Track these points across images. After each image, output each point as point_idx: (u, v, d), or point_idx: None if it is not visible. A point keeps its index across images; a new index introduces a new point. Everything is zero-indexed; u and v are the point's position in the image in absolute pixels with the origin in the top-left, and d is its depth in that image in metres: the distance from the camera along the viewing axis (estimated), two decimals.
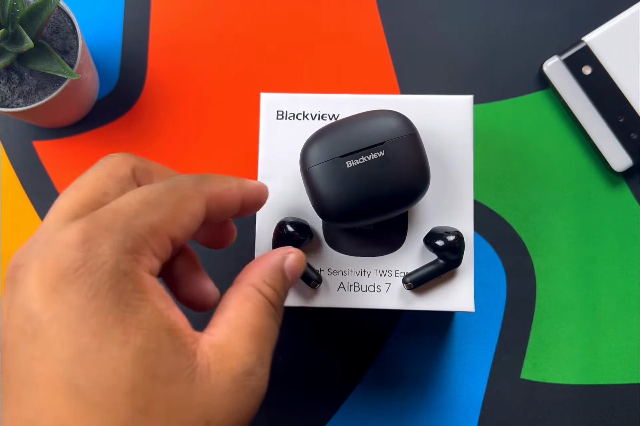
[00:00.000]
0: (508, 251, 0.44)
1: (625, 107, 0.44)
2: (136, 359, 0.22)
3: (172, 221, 0.25)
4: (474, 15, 0.46)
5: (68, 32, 0.40)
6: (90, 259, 0.22)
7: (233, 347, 0.25)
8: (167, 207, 0.25)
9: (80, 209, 0.25)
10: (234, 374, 0.24)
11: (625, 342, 0.43)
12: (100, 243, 0.22)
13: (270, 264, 0.29)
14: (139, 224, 0.24)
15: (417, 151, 0.32)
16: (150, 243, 0.24)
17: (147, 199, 0.25)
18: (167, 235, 0.24)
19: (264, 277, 0.28)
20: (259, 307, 0.26)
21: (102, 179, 0.26)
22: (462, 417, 0.43)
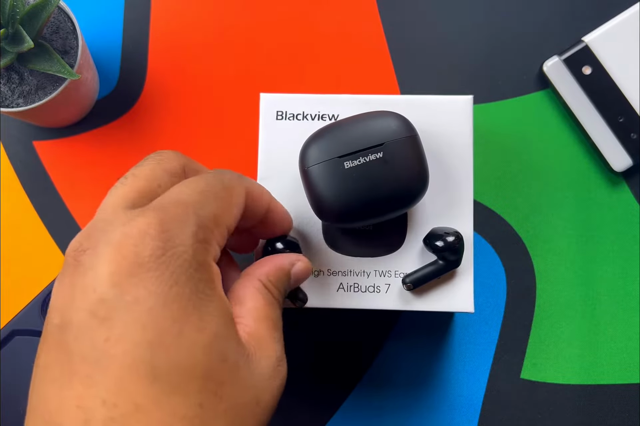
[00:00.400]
0: (508, 252, 0.44)
1: (625, 107, 0.44)
2: (211, 344, 0.23)
3: (228, 211, 0.26)
4: (474, 15, 0.46)
5: (68, 32, 0.40)
6: (170, 249, 0.23)
7: (264, 336, 0.26)
8: (222, 198, 0.26)
9: (138, 198, 0.26)
10: (272, 360, 0.26)
11: (625, 342, 0.43)
12: (177, 234, 0.24)
13: (279, 265, 0.30)
14: (205, 215, 0.25)
15: (416, 152, 0.32)
16: (214, 233, 0.25)
17: (204, 190, 0.26)
18: (225, 225, 0.26)
19: (271, 276, 0.29)
20: (270, 302, 0.28)
21: (157, 171, 0.27)
22: (463, 417, 0.43)
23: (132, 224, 0.24)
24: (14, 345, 0.41)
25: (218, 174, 0.28)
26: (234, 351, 0.24)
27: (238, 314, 0.27)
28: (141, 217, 0.24)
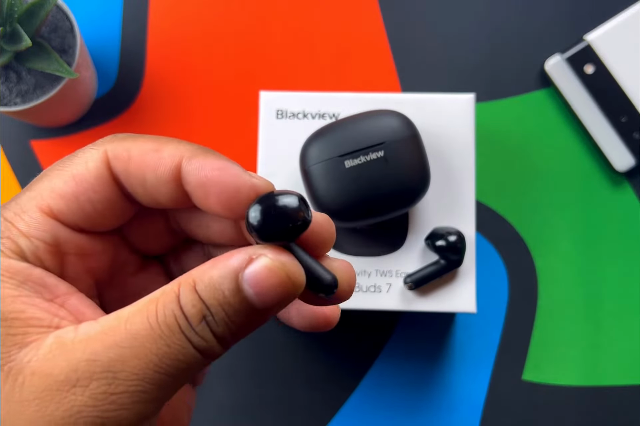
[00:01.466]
0: (510, 252, 0.44)
1: (628, 107, 0.44)
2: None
3: (45, 191, 0.20)
4: (476, 13, 0.46)
5: (66, 31, 0.40)
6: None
7: (80, 348, 0.19)
8: (48, 177, 0.20)
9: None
10: (51, 380, 0.18)
11: (627, 343, 0.43)
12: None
13: (221, 265, 0.18)
14: (7, 207, 0.20)
15: (417, 152, 0.32)
16: (15, 224, 0.19)
17: (38, 176, 0.20)
18: (38, 209, 0.19)
19: (201, 280, 0.18)
20: (152, 324, 0.18)
21: None
22: (464, 418, 0.43)
23: None
24: None
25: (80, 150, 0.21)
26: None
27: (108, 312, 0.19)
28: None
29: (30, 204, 0.19)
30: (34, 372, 0.17)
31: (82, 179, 0.20)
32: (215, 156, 0.19)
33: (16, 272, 0.19)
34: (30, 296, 0.19)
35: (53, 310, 0.19)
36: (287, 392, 0.43)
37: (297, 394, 0.43)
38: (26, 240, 0.19)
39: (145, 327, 0.18)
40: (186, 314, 0.18)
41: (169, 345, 0.17)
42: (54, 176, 0.20)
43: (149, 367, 0.17)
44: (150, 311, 0.18)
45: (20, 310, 0.18)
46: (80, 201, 0.20)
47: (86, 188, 0.20)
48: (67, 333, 0.18)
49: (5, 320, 0.18)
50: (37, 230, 0.19)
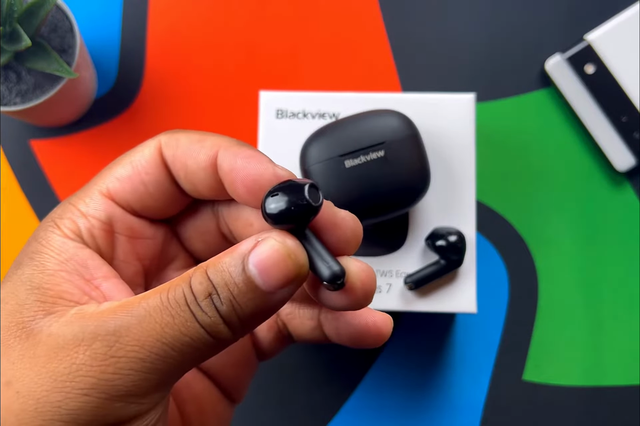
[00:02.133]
0: (510, 252, 0.44)
1: (628, 106, 0.44)
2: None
3: (105, 175, 0.22)
4: (476, 13, 0.46)
5: (66, 31, 0.40)
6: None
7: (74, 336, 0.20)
8: (113, 165, 0.22)
9: None
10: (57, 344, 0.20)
11: (628, 343, 0.43)
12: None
13: (232, 251, 0.19)
14: (78, 192, 0.22)
15: (417, 151, 0.32)
16: (76, 205, 0.22)
17: (108, 166, 0.23)
18: (98, 192, 0.22)
19: (210, 267, 0.19)
20: (167, 307, 0.19)
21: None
22: (464, 419, 0.43)
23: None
24: None
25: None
26: (9, 315, 0.20)
27: (111, 297, 0.21)
28: None
29: (93, 188, 0.22)
30: (50, 334, 0.19)
31: (137, 164, 0.22)
32: (249, 147, 0.21)
33: (64, 250, 0.21)
34: (70, 273, 0.20)
35: (87, 289, 0.20)
36: (287, 393, 0.43)
37: (297, 395, 0.43)
38: (84, 219, 0.21)
39: (156, 302, 0.19)
40: (193, 290, 0.19)
41: (173, 316, 0.18)
42: (117, 164, 0.22)
43: (151, 335, 0.18)
44: (164, 289, 0.19)
45: (56, 283, 0.20)
46: (134, 182, 0.22)
47: (139, 171, 0.22)
48: (89, 307, 0.20)
49: (40, 288, 0.20)
50: (95, 209, 0.21)
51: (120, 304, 0.19)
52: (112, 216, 0.22)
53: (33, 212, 0.45)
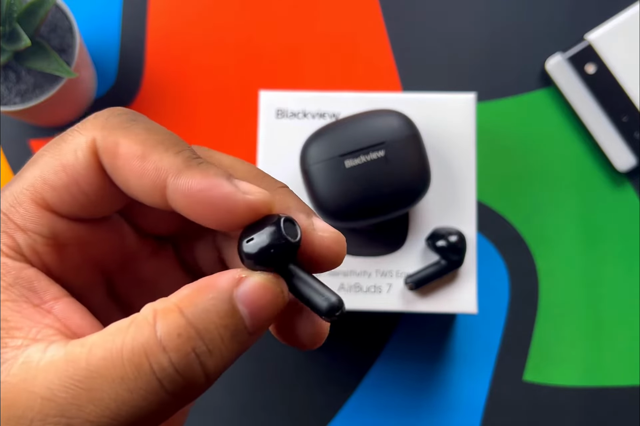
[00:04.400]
0: (511, 252, 0.44)
1: (629, 106, 0.43)
2: None
3: (37, 182, 0.19)
4: (477, 13, 0.46)
5: (65, 31, 0.40)
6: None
7: (43, 380, 0.17)
8: (39, 165, 0.19)
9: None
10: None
11: (628, 343, 0.43)
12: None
13: (208, 286, 0.17)
14: (4, 197, 0.19)
15: (417, 151, 0.32)
16: (11, 217, 0.18)
17: (29, 161, 0.19)
18: (32, 201, 0.18)
19: (186, 303, 0.16)
20: (131, 351, 0.16)
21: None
22: (464, 419, 0.43)
23: None
24: None
25: (71, 128, 0.19)
26: None
27: (86, 335, 0.17)
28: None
29: (24, 196, 0.19)
30: (4, 398, 0.16)
31: (72, 171, 0.18)
32: (202, 173, 0.17)
33: (6, 272, 0.18)
34: (16, 301, 0.18)
35: (37, 317, 0.18)
36: (287, 393, 0.43)
37: (298, 395, 0.43)
38: (23, 235, 0.18)
39: (106, 364, 0.15)
40: (166, 347, 0.15)
41: (131, 391, 0.15)
42: (45, 165, 0.19)
43: (105, 415, 0.15)
44: (116, 343, 0.16)
45: (3, 318, 0.17)
46: (72, 193, 0.19)
47: (77, 179, 0.19)
48: (35, 353, 0.17)
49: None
50: (34, 223, 0.19)
51: (65, 357, 0.16)
52: (55, 229, 0.19)
53: None
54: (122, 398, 0.15)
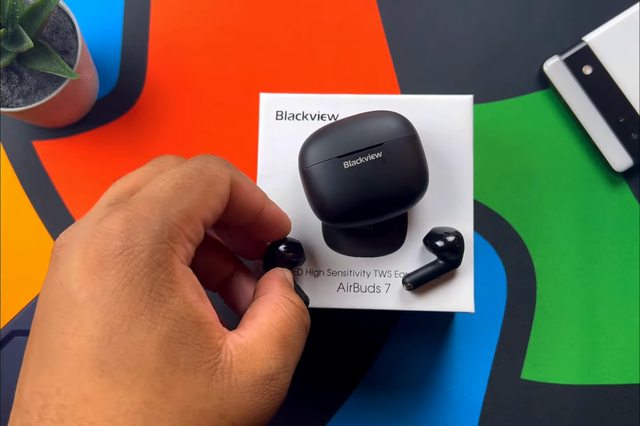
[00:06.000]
0: (508, 251, 0.44)
1: (626, 107, 0.44)
2: (160, 345, 0.23)
3: (203, 204, 0.26)
4: (475, 14, 0.46)
5: (68, 32, 0.40)
6: (127, 248, 0.23)
7: (260, 351, 0.26)
8: (197, 190, 0.26)
9: (123, 196, 0.26)
10: (257, 376, 0.25)
11: (625, 342, 0.43)
12: (138, 232, 0.24)
13: (283, 278, 0.30)
14: (174, 212, 0.25)
15: (415, 153, 0.32)
16: (184, 230, 0.25)
17: (178, 184, 0.26)
18: (200, 219, 0.26)
19: (288, 288, 0.29)
20: (291, 317, 0.28)
21: (150, 172, 0.27)
22: (463, 417, 0.43)
23: (100, 223, 0.24)
24: (14, 345, 0.41)
25: (200, 162, 0.27)
26: (190, 356, 0.24)
27: (241, 326, 0.27)
28: (111, 214, 0.24)
29: (195, 213, 0.25)
30: (240, 371, 0.25)
31: (224, 200, 0.27)
32: (274, 202, 0.31)
33: (189, 278, 0.25)
34: (200, 300, 0.25)
35: (211, 310, 0.25)
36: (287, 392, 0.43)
37: (296, 394, 0.43)
38: (190, 245, 0.25)
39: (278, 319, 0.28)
40: (298, 305, 0.29)
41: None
42: (204, 192, 0.26)
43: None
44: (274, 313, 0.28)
45: (203, 315, 0.25)
46: (217, 214, 0.27)
47: (223, 205, 0.27)
48: (236, 338, 0.26)
49: (199, 324, 0.24)
50: (197, 237, 0.26)
51: (260, 336, 0.27)
52: (202, 239, 0.26)
53: (35, 212, 0.45)
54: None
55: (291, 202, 0.35)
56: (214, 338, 0.25)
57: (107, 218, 0.24)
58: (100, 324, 0.23)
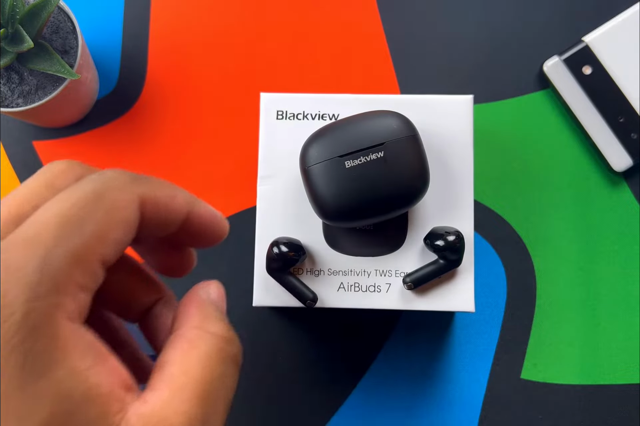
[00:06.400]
0: (508, 251, 0.44)
1: (625, 107, 0.44)
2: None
3: (101, 239, 0.20)
4: (475, 15, 0.46)
5: (68, 32, 0.40)
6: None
7: (171, 416, 0.20)
8: (93, 221, 0.20)
9: (5, 227, 0.21)
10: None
11: (625, 342, 0.43)
12: (8, 289, 0.18)
13: (202, 302, 0.24)
14: (57, 256, 0.19)
15: (416, 152, 0.32)
16: (74, 277, 0.19)
17: (67, 215, 0.20)
18: (97, 259, 0.20)
19: (205, 316, 0.23)
20: (210, 353, 0.22)
21: (37, 189, 0.22)
22: (463, 417, 0.43)
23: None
24: None
25: (99, 183, 0.21)
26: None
27: (150, 386, 0.21)
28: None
29: (88, 253, 0.20)
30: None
31: (131, 226, 0.21)
32: (203, 202, 0.25)
33: (78, 339, 0.19)
34: (96, 365, 0.19)
35: (112, 373, 0.20)
36: (286, 391, 0.43)
37: (296, 393, 0.43)
38: (85, 294, 0.20)
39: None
40: (218, 334, 0.23)
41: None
42: (110, 223, 0.20)
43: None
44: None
45: (95, 385, 0.19)
46: (124, 245, 0.21)
47: (131, 233, 0.21)
48: (139, 407, 0.20)
49: (89, 399, 0.19)
50: (95, 281, 0.20)
51: (163, 409, 0.20)
52: (101, 280, 0.21)
53: None
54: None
55: (291, 202, 0.35)
56: (110, 413, 0.19)
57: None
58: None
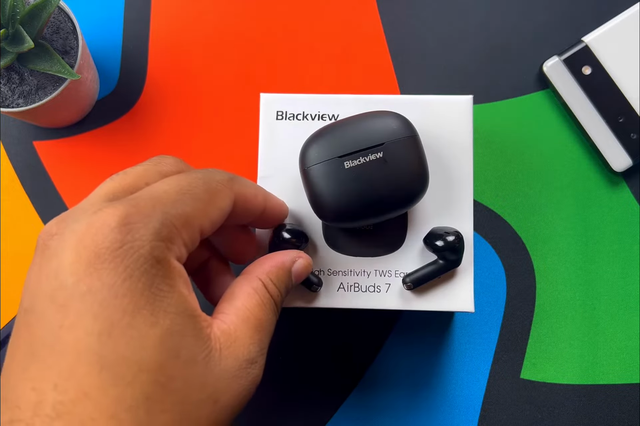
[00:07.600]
0: (508, 251, 0.44)
1: (625, 107, 0.44)
2: (163, 339, 0.23)
3: (204, 214, 0.26)
4: (474, 15, 0.46)
5: (68, 32, 0.40)
6: (128, 243, 0.23)
7: (241, 336, 0.27)
8: (201, 200, 0.26)
9: (121, 192, 0.26)
10: (240, 361, 0.26)
11: (624, 342, 0.43)
12: (138, 228, 0.24)
13: (280, 264, 0.30)
14: (174, 214, 0.25)
15: (416, 153, 0.32)
16: (182, 233, 0.25)
17: (183, 189, 0.26)
18: (198, 227, 0.26)
19: (272, 275, 0.30)
20: (264, 302, 0.28)
21: (149, 171, 0.28)
22: (462, 417, 0.43)
23: (98, 215, 0.24)
24: None
25: (207, 175, 0.28)
26: (189, 348, 0.24)
27: (222, 310, 0.28)
28: (109, 208, 0.24)
29: (194, 222, 0.26)
30: (227, 357, 0.26)
31: (224, 214, 0.28)
32: (276, 197, 0.33)
33: (182, 274, 0.25)
34: (190, 294, 0.26)
35: (197, 303, 0.26)
36: (286, 391, 0.43)
37: (296, 393, 0.43)
38: (185, 250, 0.26)
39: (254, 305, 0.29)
40: (270, 292, 0.29)
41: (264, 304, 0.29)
42: (212, 205, 0.27)
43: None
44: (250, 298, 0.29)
45: (195, 308, 0.25)
46: (215, 226, 0.27)
47: (223, 218, 0.28)
48: (220, 325, 0.27)
49: (194, 317, 0.25)
50: (192, 244, 0.26)
51: (239, 325, 0.27)
52: (195, 244, 0.27)
53: (36, 213, 0.45)
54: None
55: (291, 202, 0.35)
56: (204, 328, 0.25)
57: (106, 210, 0.24)
58: (100, 318, 0.23)
